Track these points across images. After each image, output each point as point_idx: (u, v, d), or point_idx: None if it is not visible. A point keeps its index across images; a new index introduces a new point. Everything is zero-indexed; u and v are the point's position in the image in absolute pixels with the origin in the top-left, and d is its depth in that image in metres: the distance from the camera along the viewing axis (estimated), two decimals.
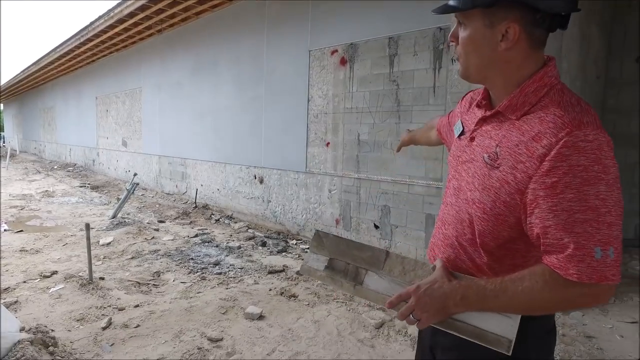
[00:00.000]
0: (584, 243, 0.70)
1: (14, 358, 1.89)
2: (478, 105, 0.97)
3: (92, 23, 8.34)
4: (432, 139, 1.40)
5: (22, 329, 2.23)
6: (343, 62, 4.65)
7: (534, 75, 0.82)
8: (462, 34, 0.85)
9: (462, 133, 1.00)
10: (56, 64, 12.00)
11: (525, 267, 0.86)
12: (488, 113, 0.90)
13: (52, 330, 2.45)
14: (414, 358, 1.15)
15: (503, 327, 0.81)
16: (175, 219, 6.19)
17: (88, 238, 3.30)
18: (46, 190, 8.52)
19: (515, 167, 0.78)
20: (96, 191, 8.94)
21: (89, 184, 9.94)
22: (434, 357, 1.02)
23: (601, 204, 0.70)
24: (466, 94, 1.12)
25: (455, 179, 0.98)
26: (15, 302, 2.93)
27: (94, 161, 12.41)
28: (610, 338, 2.50)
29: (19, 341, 2.01)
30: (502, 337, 0.81)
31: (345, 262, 1.03)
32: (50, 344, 2.17)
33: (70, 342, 2.36)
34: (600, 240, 0.70)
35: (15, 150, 20.94)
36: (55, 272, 3.59)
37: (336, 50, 4.72)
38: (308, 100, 5.08)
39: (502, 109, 0.86)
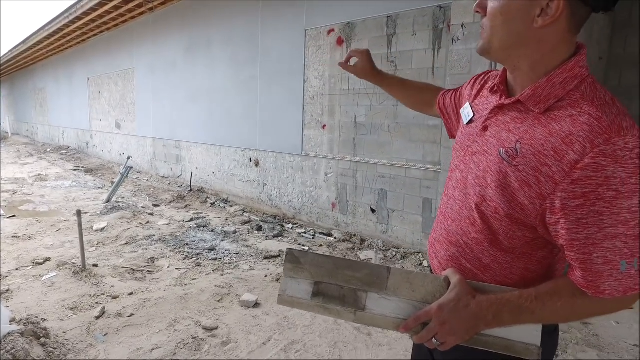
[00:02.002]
0: (611, 258, 0.67)
1: (3, 351, 1.85)
2: (492, 90, 0.87)
3: (80, 0, 8.07)
4: (418, 101, 1.25)
5: (12, 320, 2.19)
6: (340, 42, 4.52)
7: (564, 64, 0.72)
8: (493, 2, 0.75)
9: (472, 120, 0.90)
10: (45, 43, 11.69)
11: (540, 274, 0.82)
12: (507, 101, 0.80)
13: (44, 320, 2.41)
14: (410, 346, 1.11)
15: (528, 335, 0.78)
16: (170, 202, 6.13)
17: (80, 225, 3.24)
18: (39, 174, 8.41)
19: (539, 169, 0.71)
20: (90, 174, 8.84)
21: (82, 167, 9.82)
22: (432, 356, 0.98)
23: (632, 217, 0.65)
24: (478, 76, 0.99)
25: (459, 170, 0.90)
26: (7, 290, 2.89)
27: (87, 144, 12.25)
28: (606, 324, 2.49)
29: (8, 333, 1.97)
30: (530, 345, 0.78)
31: (338, 285, 0.86)
32: (41, 335, 2.14)
33: (63, 332, 2.32)
34: (627, 253, 0.66)
35: (7, 133, 20.67)
36: (48, 259, 3.54)
37: (333, 30, 4.58)
38: (304, 82, 4.96)
39: (524, 98, 0.76)
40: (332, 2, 4.53)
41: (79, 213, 3.26)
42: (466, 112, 0.93)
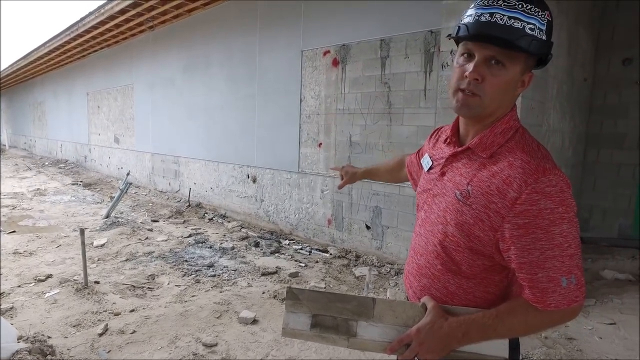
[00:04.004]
0: (553, 276, 0.81)
1: None
2: (446, 142, 1.02)
3: (82, 19, 8.25)
4: (402, 177, 1.45)
5: (19, 338, 2.27)
6: (335, 63, 4.68)
7: (502, 118, 0.91)
8: (498, 76, 0.85)
9: (431, 167, 1.05)
10: (46, 58, 11.85)
11: (498, 295, 0.95)
12: (459, 149, 0.96)
13: (49, 338, 2.49)
14: None
15: (496, 348, 0.90)
16: (168, 218, 6.21)
17: (83, 243, 3.33)
18: (38, 188, 8.48)
19: (488, 206, 0.85)
20: (89, 189, 8.92)
21: (81, 181, 9.90)
22: None
23: (564, 240, 0.80)
24: (433, 132, 1.17)
25: (424, 210, 1.04)
26: (11, 308, 2.96)
27: (85, 157, 12.33)
28: (590, 339, 2.60)
29: (17, 351, 2.05)
30: (498, 358, 0.90)
31: (332, 316, 0.99)
32: (47, 352, 2.22)
33: (67, 349, 2.40)
34: (565, 271, 0.81)
35: (5, 146, 20.71)
36: (50, 276, 3.62)
37: (328, 51, 4.74)
38: (300, 101, 5.11)
39: (473, 146, 0.92)
40: (327, 25, 4.72)
41: (82, 232, 3.35)
42: (426, 161, 1.09)
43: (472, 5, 0.88)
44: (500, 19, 0.81)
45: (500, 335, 0.89)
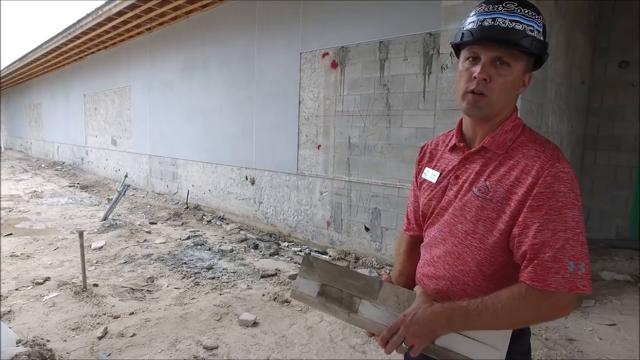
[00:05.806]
0: (560, 257, 0.82)
1: None
2: (452, 150, 1.04)
3: (79, 21, 8.23)
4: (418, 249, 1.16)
5: (18, 342, 2.25)
6: (334, 65, 4.69)
7: (509, 116, 0.96)
8: (504, 75, 0.90)
9: (441, 175, 1.04)
10: (43, 60, 11.81)
11: None
12: (472, 150, 0.98)
13: (48, 341, 2.47)
14: None
15: (492, 357, 0.88)
16: (166, 220, 6.19)
17: (82, 246, 3.31)
18: (34, 191, 8.43)
19: (509, 197, 0.89)
20: (86, 191, 8.87)
21: (78, 183, 9.85)
22: None
23: (576, 225, 0.83)
24: (420, 155, 1.15)
25: (439, 215, 1.03)
26: (9, 311, 2.94)
27: (82, 159, 12.28)
28: (590, 340, 2.61)
29: (16, 355, 2.04)
30: None
31: (339, 289, 1.03)
32: (47, 356, 2.20)
33: (67, 353, 2.38)
34: (574, 255, 0.82)
35: (1, 147, 20.59)
36: (48, 279, 3.59)
37: (327, 53, 4.75)
38: (299, 103, 5.11)
39: (488, 144, 0.95)
40: (326, 27, 4.72)
41: (80, 234, 3.34)
42: (430, 173, 1.08)
43: (473, 13, 0.93)
44: (503, 22, 0.87)
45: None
